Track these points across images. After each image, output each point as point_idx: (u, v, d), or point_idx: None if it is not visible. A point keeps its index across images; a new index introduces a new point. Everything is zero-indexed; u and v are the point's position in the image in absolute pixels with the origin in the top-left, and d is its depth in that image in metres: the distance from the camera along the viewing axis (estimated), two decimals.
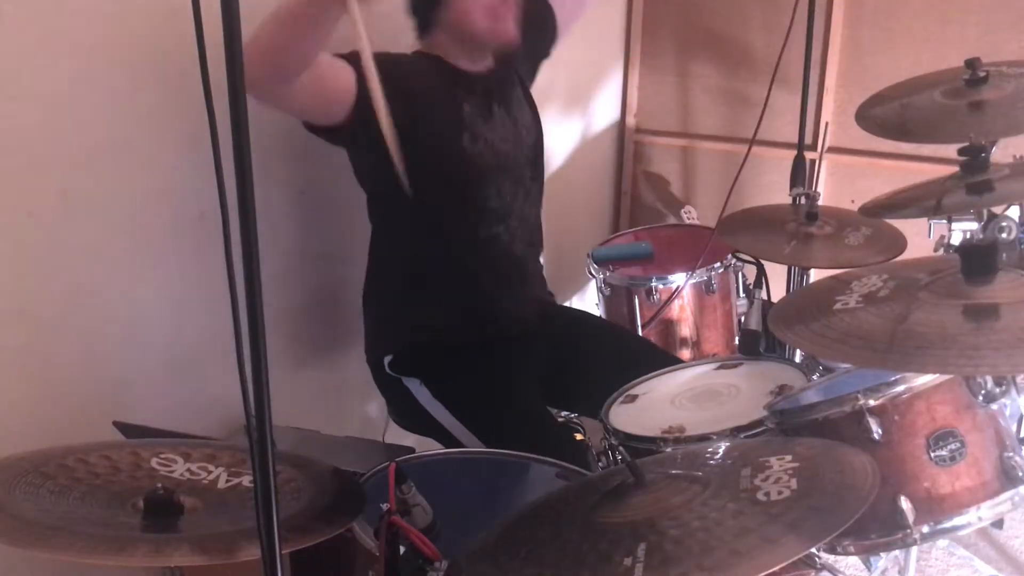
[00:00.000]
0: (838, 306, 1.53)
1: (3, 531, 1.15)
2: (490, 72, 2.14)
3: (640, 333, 2.60)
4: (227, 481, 1.37)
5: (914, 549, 1.74)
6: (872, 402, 1.48)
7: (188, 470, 1.39)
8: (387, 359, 2.19)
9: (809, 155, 2.94)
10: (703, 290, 2.62)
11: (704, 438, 1.75)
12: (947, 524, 1.46)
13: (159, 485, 1.27)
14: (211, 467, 1.41)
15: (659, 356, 2.31)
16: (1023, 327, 1.34)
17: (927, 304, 1.45)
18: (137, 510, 1.25)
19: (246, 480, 1.38)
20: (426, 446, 2.24)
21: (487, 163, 2.09)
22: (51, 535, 1.15)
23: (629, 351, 2.33)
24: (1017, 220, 2.09)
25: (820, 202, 2.53)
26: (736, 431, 1.74)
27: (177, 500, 1.26)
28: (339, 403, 2.44)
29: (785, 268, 2.68)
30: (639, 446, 1.81)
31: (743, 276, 2.68)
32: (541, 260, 2.36)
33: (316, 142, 2.23)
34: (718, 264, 2.62)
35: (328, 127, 1.89)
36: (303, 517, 1.28)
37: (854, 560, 2.17)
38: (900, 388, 1.47)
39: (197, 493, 1.33)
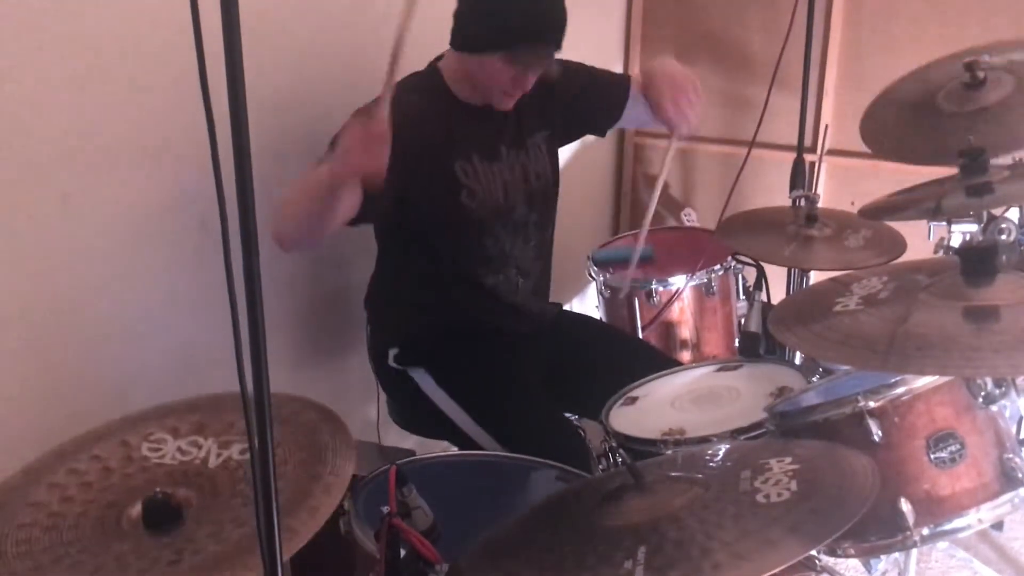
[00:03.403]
0: (838, 308, 1.53)
1: None
2: (491, 105, 2.13)
3: (640, 335, 2.60)
4: (218, 456, 1.38)
5: (914, 551, 1.73)
6: (872, 404, 1.48)
7: (179, 449, 1.40)
8: (392, 351, 2.20)
9: (809, 157, 2.94)
10: (703, 292, 2.62)
11: (704, 440, 1.75)
12: (947, 526, 1.46)
13: (157, 490, 1.27)
14: (201, 440, 1.41)
15: (659, 359, 2.31)
16: (1023, 328, 1.34)
17: (927, 306, 1.45)
18: (133, 525, 1.25)
19: (235, 452, 1.39)
20: (427, 448, 2.24)
21: (485, 214, 2.11)
22: None
23: (629, 354, 2.33)
24: (1017, 222, 2.09)
25: (820, 204, 2.53)
26: (736, 433, 1.74)
27: (175, 504, 1.26)
28: (339, 406, 2.42)
29: (785, 270, 2.68)
30: (639, 448, 1.81)
31: (743, 278, 2.68)
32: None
33: (316, 144, 2.23)
34: (718, 266, 2.62)
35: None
36: (295, 501, 1.27)
37: (854, 562, 2.17)
38: (900, 390, 1.47)
39: (190, 482, 1.33)
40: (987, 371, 1.41)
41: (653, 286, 2.59)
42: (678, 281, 2.60)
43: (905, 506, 1.44)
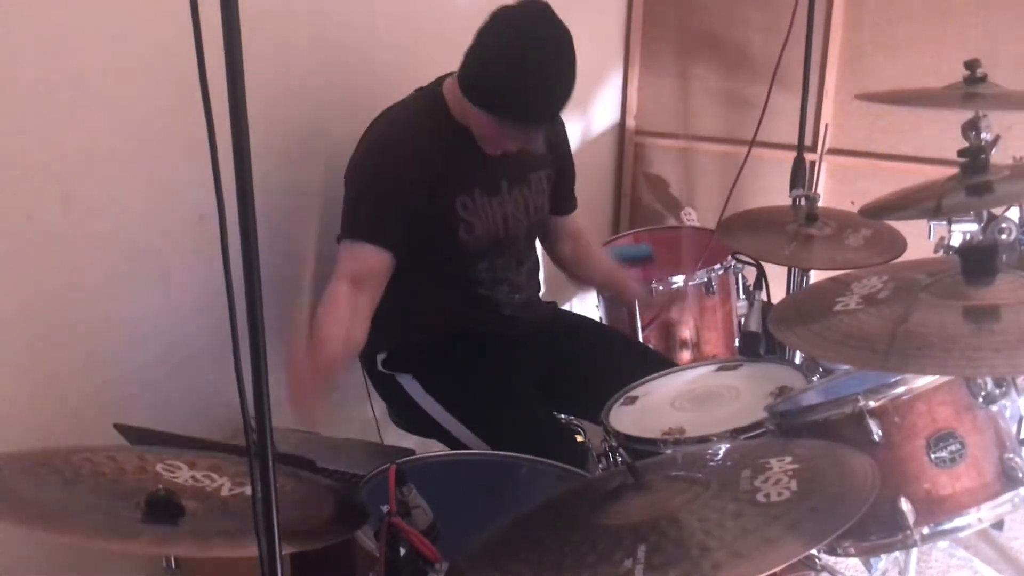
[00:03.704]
0: (838, 307, 1.53)
1: (10, 511, 1.16)
2: None
3: (640, 335, 2.60)
4: (231, 490, 1.37)
5: (914, 550, 1.73)
6: (872, 403, 1.48)
7: (192, 477, 1.39)
8: (380, 356, 2.20)
9: (809, 156, 2.94)
10: (703, 292, 2.62)
11: (704, 440, 1.75)
12: (947, 525, 1.46)
13: (160, 486, 1.26)
14: (215, 476, 1.41)
15: (658, 360, 2.31)
16: (1023, 328, 1.33)
17: (927, 305, 1.45)
18: (139, 507, 1.25)
19: (249, 491, 1.38)
20: (427, 448, 2.24)
21: (481, 246, 2.12)
22: (56, 517, 1.16)
23: (628, 354, 2.33)
24: (1017, 221, 2.09)
25: (820, 203, 2.53)
26: (736, 433, 1.74)
27: (178, 501, 1.25)
28: (339, 405, 2.44)
29: (785, 269, 2.68)
30: (639, 448, 1.80)
31: (743, 278, 2.68)
32: (541, 277, 2.39)
33: (315, 145, 2.23)
34: (718, 266, 2.62)
35: None
36: (302, 522, 1.28)
37: (854, 562, 2.16)
38: (900, 389, 1.47)
39: (200, 498, 1.32)
40: (987, 371, 1.41)
41: (653, 286, 2.59)
42: (678, 281, 2.60)
43: (905, 505, 1.44)
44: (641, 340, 2.58)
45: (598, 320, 2.74)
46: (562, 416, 2.31)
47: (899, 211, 2.13)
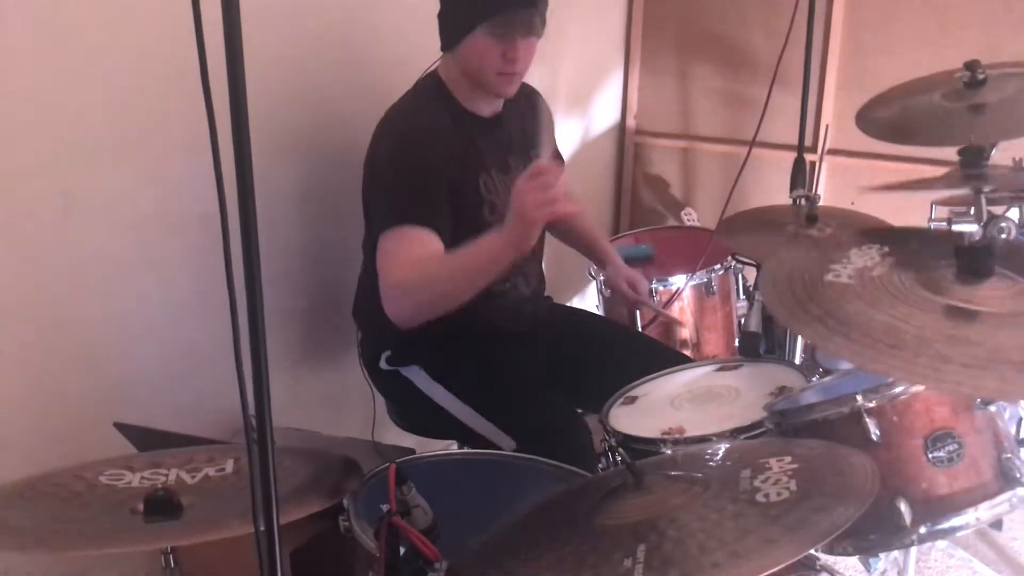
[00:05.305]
0: (830, 276, 1.48)
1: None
2: (498, 116, 2.14)
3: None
4: (192, 476, 1.37)
5: (913, 550, 1.73)
6: (871, 403, 1.48)
7: (142, 477, 1.37)
8: (385, 354, 2.19)
9: (809, 157, 2.94)
10: (703, 292, 2.62)
11: (704, 439, 1.75)
12: (945, 525, 1.46)
13: (159, 486, 1.26)
14: (163, 470, 1.39)
15: (662, 353, 2.31)
16: (996, 346, 1.28)
17: (912, 295, 1.40)
18: (136, 513, 1.25)
19: (212, 471, 1.38)
20: (426, 447, 2.24)
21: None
22: (51, 535, 1.16)
23: (632, 347, 2.33)
24: (1017, 221, 2.09)
25: (820, 204, 2.52)
26: (736, 432, 1.74)
27: (177, 501, 1.25)
28: (339, 404, 2.44)
29: None
30: (639, 447, 1.81)
31: (743, 278, 2.69)
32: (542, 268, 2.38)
33: (316, 145, 2.23)
34: (718, 266, 2.62)
35: None
36: (299, 492, 1.27)
37: (853, 561, 2.16)
38: (898, 389, 1.47)
39: (182, 491, 1.31)
40: (951, 385, 1.33)
41: (653, 286, 2.59)
42: (678, 281, 2.60)
43: (903, 505, 1.44)
44: None
45: (590, 312, 2.73)
46: None
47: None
